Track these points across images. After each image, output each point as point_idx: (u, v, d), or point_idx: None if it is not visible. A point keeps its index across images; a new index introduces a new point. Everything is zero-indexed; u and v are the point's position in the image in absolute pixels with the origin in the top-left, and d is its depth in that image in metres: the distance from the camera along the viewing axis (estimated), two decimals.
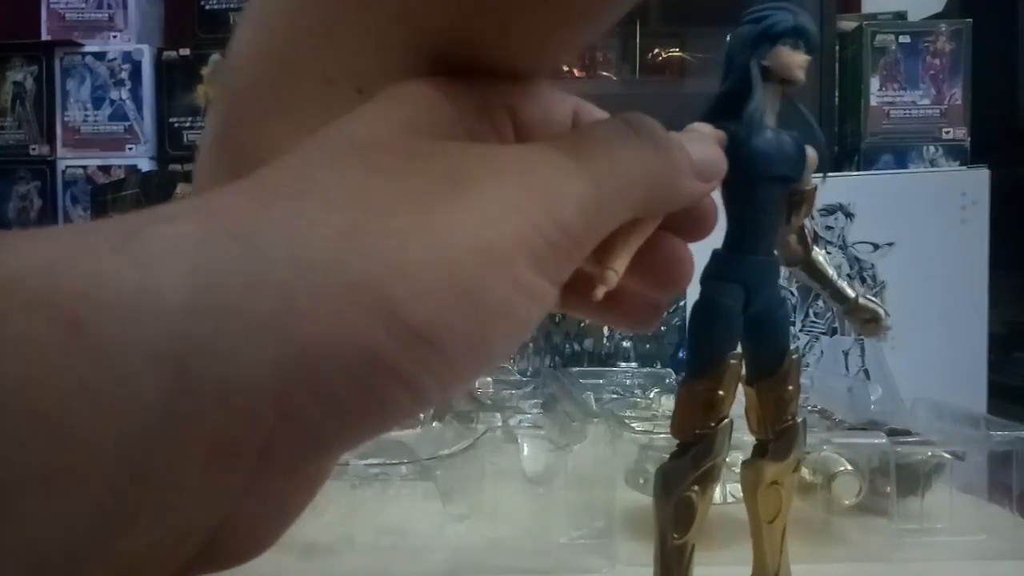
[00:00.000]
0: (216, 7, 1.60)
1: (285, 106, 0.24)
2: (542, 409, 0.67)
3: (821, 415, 0.61)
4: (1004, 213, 1.06)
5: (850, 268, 1.02)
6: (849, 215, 1.06)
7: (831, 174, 1.05)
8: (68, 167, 1.57)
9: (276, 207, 0.17)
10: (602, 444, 0.49)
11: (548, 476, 0.48)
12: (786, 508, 0.30)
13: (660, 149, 0.22)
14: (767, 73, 0.27)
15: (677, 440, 0.29)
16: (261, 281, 0.16)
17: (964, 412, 0.56)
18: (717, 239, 0.28)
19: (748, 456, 0.30)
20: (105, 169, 1.57)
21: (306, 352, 0.16)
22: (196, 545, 0.17)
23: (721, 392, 0.28)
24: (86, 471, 0.14)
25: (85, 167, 1.57)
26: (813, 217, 0.99)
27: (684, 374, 0.29)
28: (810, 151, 0.29)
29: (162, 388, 0.15)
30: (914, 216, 1.05)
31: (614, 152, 0.21)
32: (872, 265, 1.05)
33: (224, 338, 0.15)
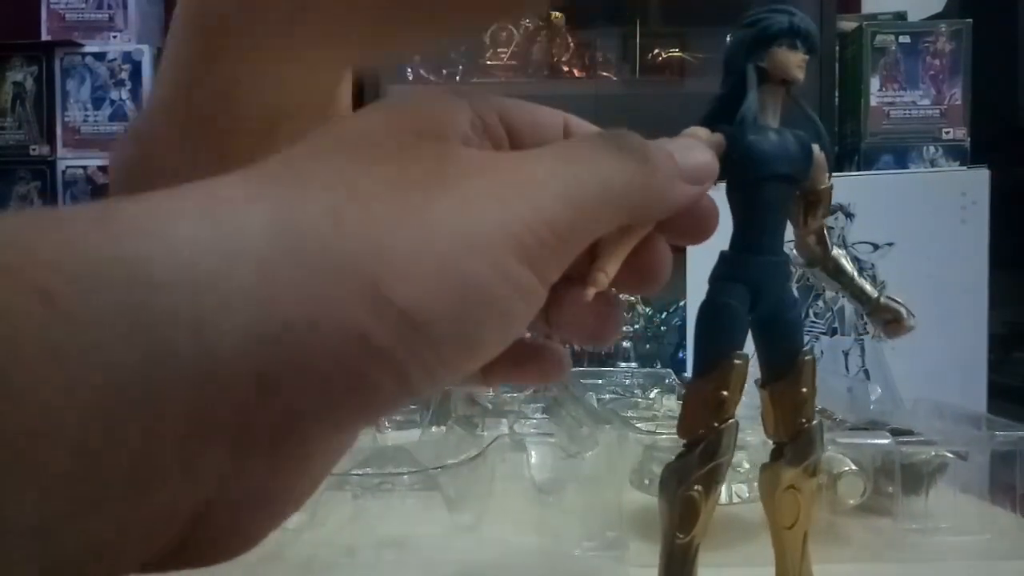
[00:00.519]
0: None
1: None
2: (545, 413, 0.67)
3: (821, 415, 0.61)
4: (1004, 213, 1.06)
5: None
6: (849, 215, 1.06)
7: (831, 174, 1.04)
8: (68, 167, 1.57)
9: (264, 189, 0.17)
10: (612, 450, 0.48)
11: (558, 484, 0.47)
12: (805, 515, 0.30)
13: (641, 160, 0.22)
14: (766, 74, 0.28)
15: (683, 440, 0.29)
16: (240, 255, 0.16)
17: (965, 412, 0.56)
18: (724, 242, 0.28)
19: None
20: (105, 169, 1.57)
21: (288, 327, 0.16)
22: (176, 531, 0.17)
23: (727, 392, 0.28)
24: (52, 438, 0.14)
25: (85, 167, 1.57)
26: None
27: (691, 374, 0.29)
28: (818, 150, 0.29)
29: (135, 358, 0.15)
30: (914, 216, 1.05)
31: (597, 160, 0.21)
32: (872, 265, 1.05)
33: (201, 309, 0.15)
